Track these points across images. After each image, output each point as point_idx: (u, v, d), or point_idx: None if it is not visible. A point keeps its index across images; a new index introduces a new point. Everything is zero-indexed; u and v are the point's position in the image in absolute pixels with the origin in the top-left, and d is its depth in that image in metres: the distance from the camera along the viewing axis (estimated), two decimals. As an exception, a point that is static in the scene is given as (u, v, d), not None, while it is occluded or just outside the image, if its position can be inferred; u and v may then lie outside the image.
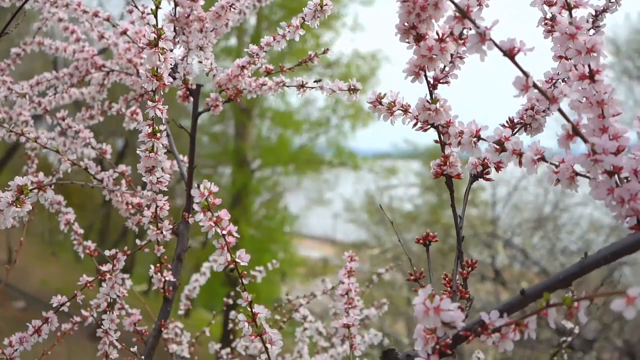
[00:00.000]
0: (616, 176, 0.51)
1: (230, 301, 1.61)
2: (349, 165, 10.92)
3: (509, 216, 7.10)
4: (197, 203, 0.61)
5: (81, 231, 1.09)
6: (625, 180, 0.51)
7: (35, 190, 0.67)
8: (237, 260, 0.63)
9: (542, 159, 0.56)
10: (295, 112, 12.01)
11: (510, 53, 0.50)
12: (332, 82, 0.87)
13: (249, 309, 0.64)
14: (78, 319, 1.13)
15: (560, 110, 0.51)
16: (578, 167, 0.55)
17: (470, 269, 0.62)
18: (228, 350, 1.53)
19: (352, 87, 0.83)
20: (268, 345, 0.64)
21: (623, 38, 8.28)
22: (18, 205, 0.67)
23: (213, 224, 0.61)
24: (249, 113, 11.23)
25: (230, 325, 1.55)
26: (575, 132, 0.51)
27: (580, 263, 0.49)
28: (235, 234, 0.62)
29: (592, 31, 0.67)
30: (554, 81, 0.68)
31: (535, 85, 0.50)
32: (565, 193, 7.62)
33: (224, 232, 0.61)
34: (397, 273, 7.71)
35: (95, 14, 1.09)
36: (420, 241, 0.67)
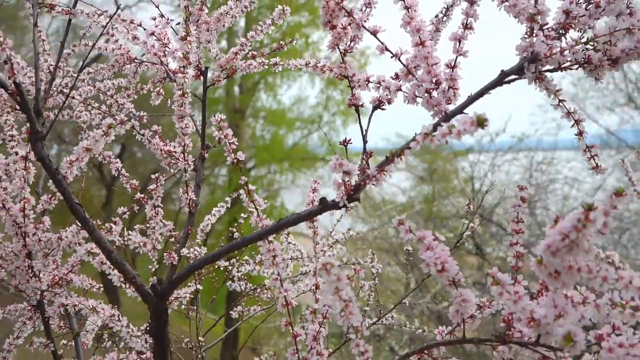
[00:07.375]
0: (432, 93, 0.99)
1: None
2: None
3: (493, 196, 7.60)
4: (213, 125, 1.08)
5: (127, 175, 1.56)
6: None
7: (119, 125, 1.14)
8: (238, 157, 1.10)
9: (399, 89, 1.03)
10: (288, 110, 12.48)
11: (374, 32, 0.98)
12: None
13: (246, 187, 1.12)
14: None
15: (400, 61, 0.98)
16: (417, 93, 1.03)
17: (369, 156, 1.10)
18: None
19: (307, 62, 1.30)
20: (257, 207, 1.11)
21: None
22: (107, 136, 1.15)
23: (223, 137, 1.08)
24: (243, 113, 11.71)
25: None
26: (409, 72, 0.99)
27: (412, 138, 0.97)
28: (236, 143, 1.09)
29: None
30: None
31: (386, 48, 0.97)
32: (546, 172, 8.14)
33: (230, 141, 1.09)
34: (397, 267, 8.13)
35: (131, 22, 1.56)
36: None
